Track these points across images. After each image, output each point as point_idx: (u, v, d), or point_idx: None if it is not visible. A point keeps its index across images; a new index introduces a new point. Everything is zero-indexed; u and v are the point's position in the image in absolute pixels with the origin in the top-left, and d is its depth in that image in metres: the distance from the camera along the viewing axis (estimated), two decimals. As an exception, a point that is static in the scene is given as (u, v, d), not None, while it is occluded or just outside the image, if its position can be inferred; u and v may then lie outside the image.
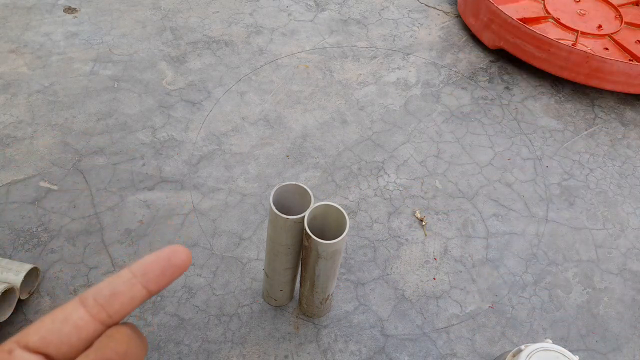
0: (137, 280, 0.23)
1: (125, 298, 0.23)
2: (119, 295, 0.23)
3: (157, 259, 0.24)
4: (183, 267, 0.24)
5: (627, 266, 1.10)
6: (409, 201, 1.16)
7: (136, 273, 0.23)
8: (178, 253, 0.24)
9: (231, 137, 1.25)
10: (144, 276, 0.23)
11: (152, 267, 0.24)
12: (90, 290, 0.22)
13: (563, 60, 1.43)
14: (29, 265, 0.90)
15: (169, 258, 0.24)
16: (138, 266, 0.23)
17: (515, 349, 0.41)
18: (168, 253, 0.24)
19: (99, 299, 0.22)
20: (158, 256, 0.24)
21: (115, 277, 0.23)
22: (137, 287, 0.23)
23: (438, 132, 1.33)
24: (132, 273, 0.23)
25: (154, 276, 0.24)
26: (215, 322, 0.92)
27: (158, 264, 0.24)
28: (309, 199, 0.72)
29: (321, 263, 0.74)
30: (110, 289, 0.23)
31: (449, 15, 1.76)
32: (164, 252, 0.24)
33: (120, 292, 0.23)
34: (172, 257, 0.24)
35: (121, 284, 0.23)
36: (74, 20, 1.53)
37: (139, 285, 0.23)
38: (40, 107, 1.26)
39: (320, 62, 1.50)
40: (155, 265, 0.24)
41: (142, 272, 0.23)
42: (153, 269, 0.24)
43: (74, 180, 1.11)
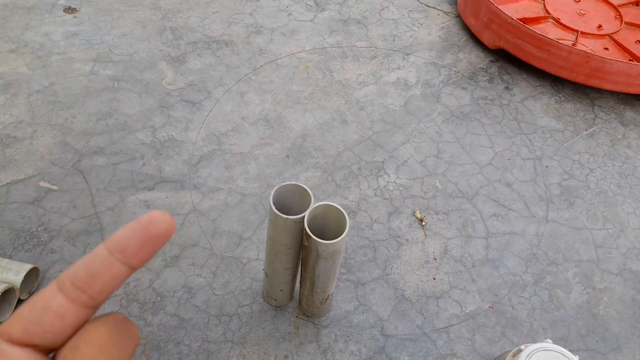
0: (115, 258, 0.21)
1: (105, 278, 0.21)
2: (98, 276, 0.21)
3: (134, 232, 0.21)
4: (165, 236, 0.21)
5: (627, 266, 1.10)
6: (409, 201, 1.16)
7: (113, 250, 0.21)
8: (157, 221, 0.21)
9: (231, 137, 1.25)
10: (121, 253, 0.21)
11: (129, 242, 0.21)
12: (66, 273, 0.20)
13: (563, 60, 1.43)
14: (29, 265, 0.90)
15: (147, 229, 0.21)
16: (113, 242, 0.21)
17: (515, 349, 0.41)
18: (145, 223, 0.21)
19: (77, 282, 0.20)
20: (134, 228, 0.21)
21: (91, 257, 0.21)
22: (117, 266, 0.21)
23: (438, 132, 1.33)
24: (109, 250, 0.21)
25: (132, 252, 0.21)
26: (215, 322, 0.92)
27: (135, 237, 0.21)
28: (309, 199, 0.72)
29: (321, 263, 0.74)
30: (87, 271, 0.21)
31: (449, 15, 1.76)
32: (141, 223, 0.21)
33: (99, 273, 0.21)
34: (150, 227, 0.21)
35: (98, 264, 0.21)
36: (74, 20, 1.53)
37: (118, 264, 0.21)
38: (40, 107, 1.26)
39: (320, 62, 1.50)
40: (133, 239, 0.21)
41: (119, 248, 0.21)
42: (130, 244, 0.21)
43: (74, 180, 1.11)
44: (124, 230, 0.21)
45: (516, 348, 0.41)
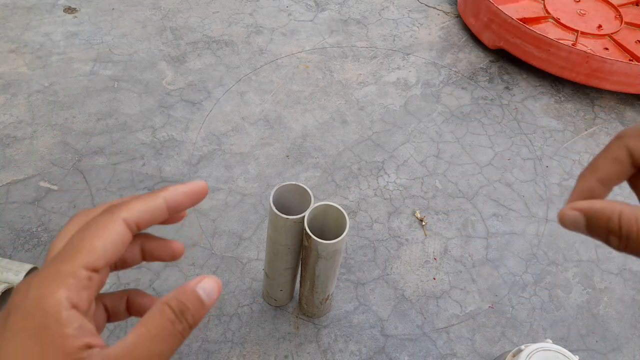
0: (167, 210, 0.26)
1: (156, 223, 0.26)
2: (153, 222, 0.25)
3: (186, 196, 0.26)
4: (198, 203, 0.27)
5: (627, 266, 1.10)
6: (409, 201, 1.16)
7: (169, 206, 0.25)
8: (202, 192, 0.27)
9: (231, 137, 1.25)
10: (173, 209, 0.26)
11: (181, 204, 0.26)
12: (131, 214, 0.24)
13: (563, 60, 1.43)
14: (29, 265, 0.90)
15: (195, 197, 0.27)
16: (172, 200, 0.25)
17: (515, 349, 0.41)
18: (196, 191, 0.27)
19: (140, 226, 0.24)
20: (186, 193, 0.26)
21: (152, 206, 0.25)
22: (165, 216, 0.26)
23: (438, 132, 1.33)
24: (167, 205, 0.25)
25: (180, 210, 0.26)
26: (215, 322, 0.92)
27: (186, 201, 0.26)
28: (309, 199, 0.72)
29: (321, 263, 0.74)
30: (149, 218, 0.25)
31: (449, 15, 1.76)
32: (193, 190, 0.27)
33: (155, 221, 0.25)
34: (198, 196, 0.27)
35: (158, 216, 0.25)
36: (74, 20, 1.53)
37: (167, 214, 0.26)
38: (40, 107, 1.26)
39: (320, 62, 1.50)
40: (185, 203, 0.26)
41: (173, 206, 0.26)
42: (181, 205, 0.26)
43: (74, 180, 1.11)
44: (181, 191, 0.26)
45: (516, 348, 0.41)
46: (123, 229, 0.23)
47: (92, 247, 0.22)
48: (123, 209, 0.24)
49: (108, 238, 0.22)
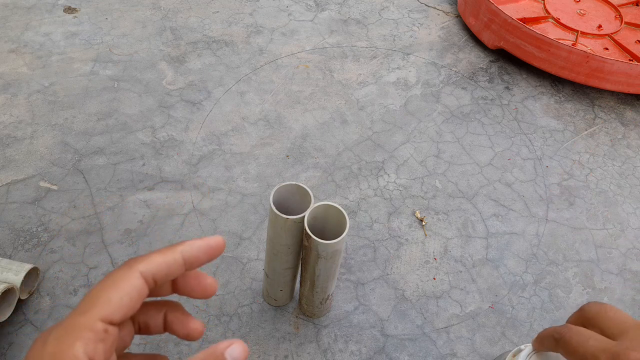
0: (184, 266, 0.26)
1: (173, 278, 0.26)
2: (171, 277, 0.26)
3: (202, 252, 0.27)
4: (215, 258, 0.28)
5: (627, 266, 1.10)
6: (409, 201, 1.16)
7: (187, 261, 0.26)
8: (220, 248, 0.28)
9: (231, 137, 1.25)
10: (190, 265, 0.26)
11: (198, 259, 0.26)
12: (149, 268, 0.24)
13: (563, 60, 1.43)
14: (29, 265, 0.90)
15: (212, 253, 0.27)
16: (189, 254, 0.26)
17: (515, 349, 0.41)
18: (213, 247, 0.27)
19: (157, 279, 0.25)
20: (203, 249, 0.27)
21: (171, 261, 0.25)
22: (182, 270, 0.26)
23: (438, 132, 1.33)
24: (184, 260, 0.26)
25: (196, 266, 0.27)
26: (215, 322, 0.92)
27: (203, 257, 0.27)
28: (309, 199, 0.72)
29: (321, 263, 0.74)
30: (167, 272, 0.25)
31: (449, 15, 1.76)
32: (210, 246, 0.27)
33: (172, 275, 0.26)
34: (215, 251, 0.27)
35: (175, 270, 0.26)
36: (74, 20, 1.53)
37: (184, 269, 0.26)
38: (40, 107, 1.26)
39: (320, 62, 1.50)
40: (201, 258, 0.27)
41: (190, 261, 0.26)
42: (198, 260, 0.27)
43: (74, 180, 1.11)
44: (198, 247, 0.26)
45: (516, 348, 0.41)
46: (140, 282, 0.24)
47: (108, 300, 0.22)
48: (140, 262, 0.24)
49: (124, 290, 0.23)
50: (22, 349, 0.85)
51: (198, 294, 0.28)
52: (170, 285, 0.28)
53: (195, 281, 0.28)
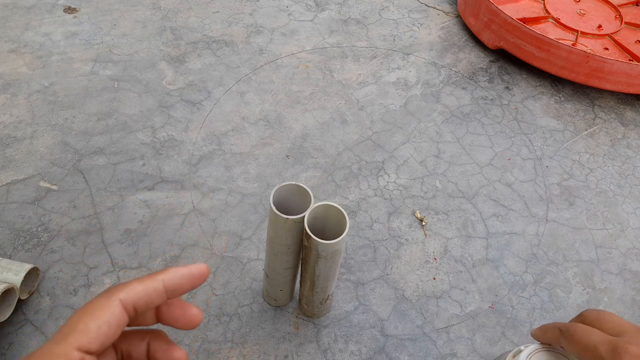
0: (165, 294, 0.26)
1: (155, 306, 0.26)
2: (152, 305, 0.25)
3: (185, 280, 0.26)
4: (198, 286, 0.27)
5: (627, 266, 1.10)
6: (409, 201, 1.16)
7: (168, 290, 0.26)
8: (203, 276, 0.27)
9: (231, 137, 1.25)
10: (172, 293, 0.26)
11: (181, 287, 0.26)
12: (128, 296, 0.24)
13: (563, 60, 1.43)
14: (29, 265, 0.90)
15: (194, 282, 0.27)
16: (171, 283, 0.26)
17: (515, 350, 0.41)
18: (196, 275, 0.27)
19: (138, 307, 0.25)
20: (186, 276, 0.26)
21: (152, 289, 0.25)
22: (164, 298, 0.26)
23: (438, 132, 1.33)
24: (165, 288, 0.25)
25: (179, 294, 0.26)
26: (215, 322, 0.92)
27: (185, 285, 0.26)
28: (309, 199, 0.72)
29: (321, 263, 0.74)
30: (147, 300, 0.25)
31: (449, 15, 1.76)
32: (193, 274, 0.27)
33: (154, 303, 0.25)
34: (197, 280, 0.27)
35: (155, 298, 0.25)
36: (74, 20, 1.53)
37: (165, 297, 0.26)
38: (40, 107, 1.26)
39: (320, 62, 1.50)
40: (184, 286, 0.26)
41: (172, 289, 0.26)
42: (181, 288, 0.26)
43: (74, 180, 1.11)
44: (180, 275, 0.26)
45: (516, 348, 0.41)
46: (119, 310, 0.23)
47: (85, 328, 0.22)
48: (120, 290, 0.24)
49: (103, 318, 0.22)
50: (22, 349, 0.85)
51: (182, 324, 0.27)
52: (154, 314, 0.27)
53: (179, 311, 0.27)
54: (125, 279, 0.96)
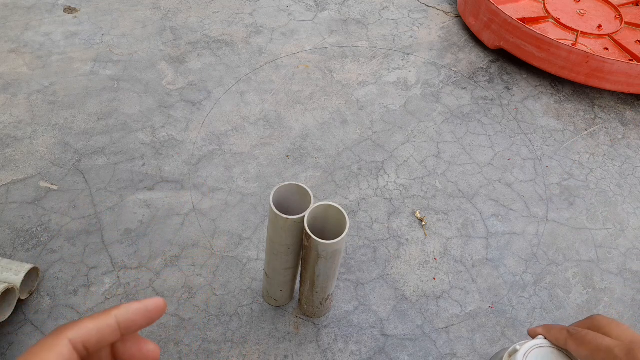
0: (119, 330, 0.25)
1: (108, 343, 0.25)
2: (104, 342, 0.24)
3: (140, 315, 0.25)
4: (155, 321, 0.26)
5: (627, 266, 1.10)
6: (409, 201, 1.16)
7: (122, 326, 0.25)
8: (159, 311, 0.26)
9: (231, 137, 1.25)
10: (126, 329, 0.25)
11: (135, 323, 0.25)
12: (78, 334, 0.23)
13: (563, 60, 1.43)
14: (29, 265, 0.90)
15: (150, 316, 0.26)
16: (124, 319, 0.25)
17: (511, 349, 0.41)
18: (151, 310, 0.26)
19: (89, 346, 0.24)
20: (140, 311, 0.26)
21: (103, 325, 0.24)
22: (117, 335, 0.25)
23: (438, 132, 1.33)
24: (118, 324, 0.25)
25: (134, 330, 0.26)
26: (215, 322, 0.92)
27: (140, 321, 0.25)
28: (309, 199, 0.72)
29: (321, 263, 0.74)
30: (98, 338, 0.24)
31: (449, 15, 1.76)
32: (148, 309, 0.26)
33: (106, 340, 0.24)
34: (153, 314, 0.26)
35: (108, 334, 0.24)
36: (74, 20, 1.53)
37: (119, 333, 0.25)
38: (40, 107, 1.26)
39: (320, 62, 1.50)
40: (138, 322, 0.25)
41: (126, 325, 0.25)
42: (135, 324, 0.25)
43: (74, 180, 1.11)
44: (135, 310, 0.25)
45: (512, 347, 0.41)
46: (67, 350, 0.22)
47: None
48: (70, 329, 0.23)
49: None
50: (22, 349, 0.85)
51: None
52: (110, 352, 0.26)
53: (135, 347, 0.26)
54: (125, 279, 0.96)
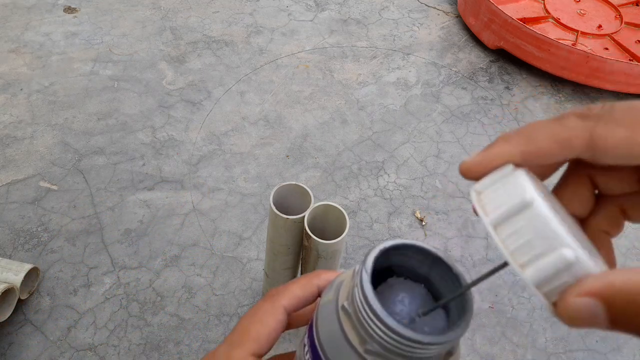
0: (316, 298, 0.27)
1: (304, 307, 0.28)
2: (304, 306, 0.27)
3: (331, 275, 0.28)
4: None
5: (627, 266, 1.10)
6: (409, 201, 1.16)
7: (321, 289, 0.27)
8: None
9: (231, 137, 1.25)
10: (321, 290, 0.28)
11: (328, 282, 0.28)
12: (290, 302, 0.26)
13: (563, 60, 1.43)
14: (29, 265, 0.90)
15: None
16: (325, 282, 0.27)
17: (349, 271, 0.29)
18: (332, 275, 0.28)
19: (299, 309, 0.27)
20: (330, 275, 0.28)
21: (309, 293, 0.27)
22: (313, 301, 0.28)
23: (438, 132, 1.33)
24: (318, 289, 0.27)
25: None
26: (215, 322, 0.92)
27: (329, 279, 0.28)
28: (309, 199, 0.72)
29: (321, 263, 0.74)
30: (305, 304, 0.27)
31: (449, 15, 1.76)
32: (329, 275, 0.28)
33: (309, 303, 0.27)
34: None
35: (311, 299, 0.27)
36: (74, 20, 1.53)
37: (314, 300, 0.28)
38: (40, 107, 1.26)
39: (320, 62, 1.50)
40: (329, 281, 0.28)
41: (323, 287, 0.27)
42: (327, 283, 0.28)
43: (74, 180, 1.11)
44: (326, 274, 0.28)
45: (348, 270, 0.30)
46: (284, 317, 0.26)
47: (257, 335, 0.25)
48: (283, 297, 0.26)
49: (271, 326, 0.25)
50: (22, 349, 0.85)
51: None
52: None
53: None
54: (125, 278, 0.96)
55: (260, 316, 0.25)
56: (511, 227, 0.19)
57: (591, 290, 0.16)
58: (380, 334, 0.20)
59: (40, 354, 0.85)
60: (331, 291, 0.24)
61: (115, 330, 0.89)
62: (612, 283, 0.15)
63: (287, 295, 0.26)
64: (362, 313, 0.20)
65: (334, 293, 0.23)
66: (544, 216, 0.18)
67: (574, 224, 0.22)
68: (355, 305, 0.21)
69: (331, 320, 0.22)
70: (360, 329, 0.21)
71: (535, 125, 0.20)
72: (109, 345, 0.87)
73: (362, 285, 0.20)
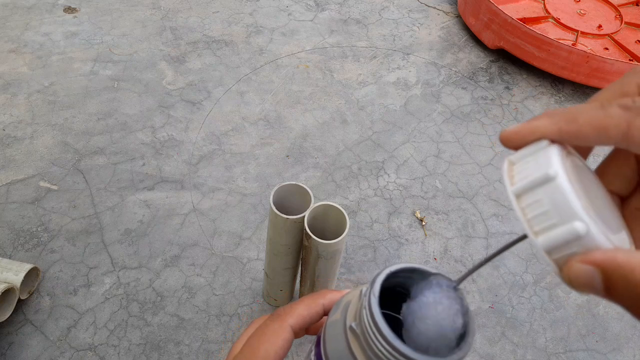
0: (322, 317, 0.29)
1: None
2: (309, 325, 0.28)
3: (336, 295, 0.29)
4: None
5: None
6: (409, 201, 1.16)
7: (326, 309, 0.28)
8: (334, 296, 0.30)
9: (231, 137, 1.25)
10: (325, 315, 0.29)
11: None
12: (296, 322, 0.27)
13: (563, 60, 1.43)
14: (29, 265, 0.90)
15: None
16: (330, 303, 0.28)
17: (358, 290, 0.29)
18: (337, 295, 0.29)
19: (305, 326, 0.28)
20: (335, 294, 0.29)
21: (315, 314, 0.28)
22: (318, 320, 0.29)
23: (438, 132, 1.33)
24: (324, 310, 0.28)
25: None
26: (215, 322, 0.92)
27: (335, 299, 0.29)
28: (309, 199, 0.72)
29: (321, 263, 0.74)
30: (312, 323, 0.28)
31: (449, 15, 1.76)
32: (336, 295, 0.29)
33: (311, 324, 0.28)
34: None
35: (317, 320, 0.28)
36: (74, 20, 1.53)
37: (319, 319, 0.29)
38: (40, 107, 1.26)
39: (320, 62, 1.50)
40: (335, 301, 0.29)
41: (330, 307, 0.28)
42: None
43: (74, 180, 1.11)
44: (331, 293, 0.29)
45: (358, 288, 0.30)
46: (291, 336, 0.27)
47: (266, 355, 0.26)
48: (290, 316, 0.27)
49: (278, 344, 0.26)
50: (22, 349, 0.85)
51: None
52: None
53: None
54: (125, 278, 0.96)
55: (268, 336, 0.26)
56: (532, 198, 0.20)
57: (594, 260, 0.18)
58: (388, 355, 0.21)
59: (40, 354, 0.85)
60: (338, 310, 0.25)
61: (115, 330, 0.89)
62: (615, 258, 0.17)
63: (294, 315, 0.27)
64: (371, 335, 0.22)
65: (342, 313, 0.24)
66: (563, 190, 0.19)
67: (606, 201, 0.23)
68: (363, 327, 0.22)
69: (339, 340, 0.24)
70: (367, 350, 0.22)
71: (580, 108, 0.20)
72: (109, 345, 0.87)
73: (371, 309, 0.22)
